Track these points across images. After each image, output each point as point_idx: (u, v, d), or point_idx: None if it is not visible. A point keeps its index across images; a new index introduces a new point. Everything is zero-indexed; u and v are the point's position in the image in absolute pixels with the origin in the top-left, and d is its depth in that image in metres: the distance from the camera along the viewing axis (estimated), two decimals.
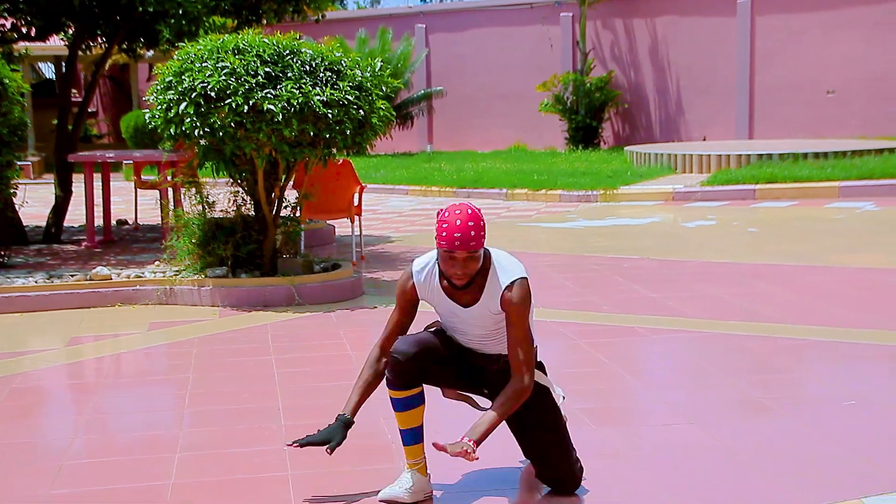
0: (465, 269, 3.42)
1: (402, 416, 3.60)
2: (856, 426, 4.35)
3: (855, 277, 7.71)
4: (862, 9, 19.39)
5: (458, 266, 3.41)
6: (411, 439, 3.62)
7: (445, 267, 3.44)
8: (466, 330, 3.59)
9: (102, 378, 5.72)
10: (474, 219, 3.37)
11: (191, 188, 7.81)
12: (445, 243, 3.38)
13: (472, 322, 3.55)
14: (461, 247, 3.37)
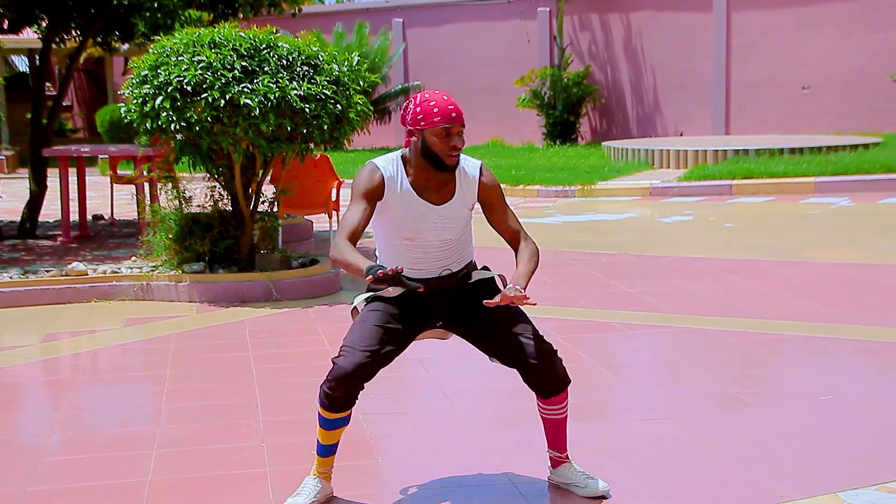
0: (461, 144, 3.36)
1: (326, 434, 3.51)
2: (831, 421, 4.38)
3: (830, 272, 7.77)
4: (837, 5, 19.53)
5: (455, 140, 3.33)
6: (328, 452, 3.57)
7: (439, 146, 3.32)
8: (434, 236, 3.43)
9: (79, 374, 5.69)
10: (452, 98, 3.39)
11: (167, 183, 7.76)
12: (441, 118, 3.30)
13: (443, 223, 3.44)
14: (458, 118, 3.31)
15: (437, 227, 3.43)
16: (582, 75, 21.24)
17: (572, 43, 22.16)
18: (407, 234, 3.44)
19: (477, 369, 5.38)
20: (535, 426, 3.77)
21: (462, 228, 3.48)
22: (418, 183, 3.42)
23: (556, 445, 3.67)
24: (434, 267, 3.51)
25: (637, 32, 21.63)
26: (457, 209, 3.45)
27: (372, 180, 3.40)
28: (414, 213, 3.42)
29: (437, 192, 3.43)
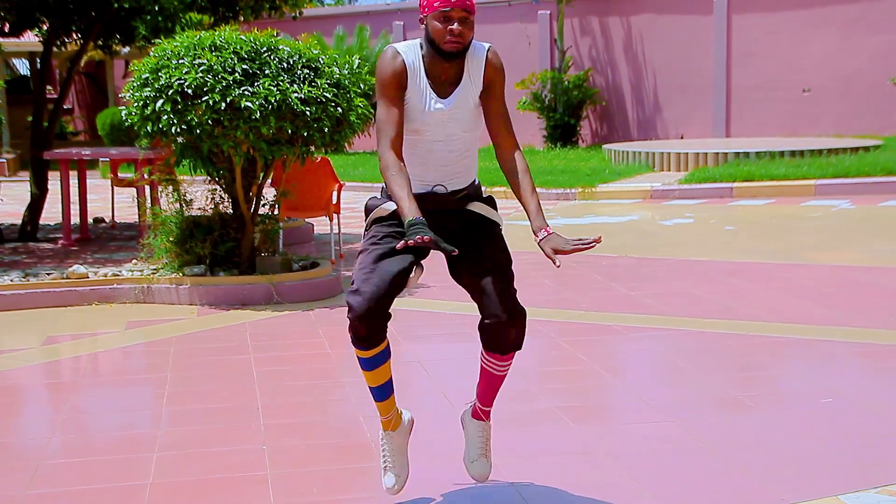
0: (461, 30, 3.19)
1: (371, 375, 3.40)
2: (832, 423, 4.38)
3: (831, 275, 7.76)
4: (837, 7, 19.53)
5: (453, 24, 3.18)
6: (383, 394, 3.45)
7: (438, 32, 3.19)
8: (437, 133, 3.31)
9: (79, 377, 5.69)
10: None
11: (168, 186, 7.76)
12: (440, 2, 3.17)
13: (452, 119, 3.31)
14: (459, 2, 3.18)
15: (444, 122, 3.31)
16: (582, 78, 21.25)
17: (573, 46, 22.18)
18: (414, 126, 3.31)
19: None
20: (536, 428, 3.77)
21: (467, 123, 3.33)
22: (431, 75, 3.31)
23: (484, 398, 3.59)
24: (439, 172, 3.37)
25: (637, 35, 21.64)
26: (462, 98, 3.31)
27: (395, 67, 3.27)
28: (426, 105, 3.29)
29: (448, 83, 3.31)
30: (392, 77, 3.27)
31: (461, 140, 3.36)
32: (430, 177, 3.39)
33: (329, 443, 4.29)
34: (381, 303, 3.23)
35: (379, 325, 3.27)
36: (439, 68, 3.30)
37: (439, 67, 3.30)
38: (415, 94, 3.30)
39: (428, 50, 3.29)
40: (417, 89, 3.30)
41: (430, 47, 3.25)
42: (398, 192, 3.17)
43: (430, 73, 3.30)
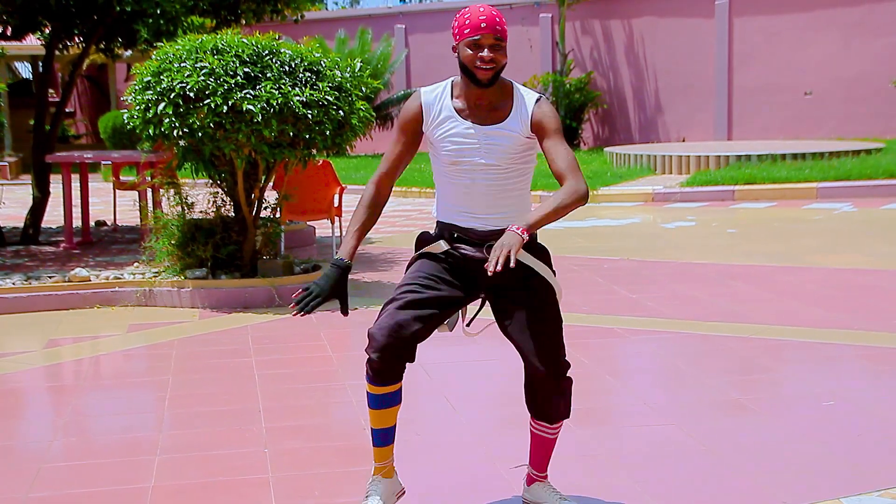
0: (491, 56, 3.17)
1: (377, 415, 3.34)
2: (834, 426, 4.38)
3: (833, 278, 7.76)
4: (838, 10, 19.54)
5: (484, 51, 3.17)
6: (383, 440, 3.39)
7: (469, 58, 3.18)
8: (478, 158, 3.25)
9: (81, 380, 5.69)
10: (496, 10, 3.25)
11: (170, 189, 7.77)
12: (470, 29, 3.18)
13: (487, 146, 3.25)
14: (487, 28, 3.16)
15: (480, 149, 3.25)
16: (584, 81, 21.27)
17: (574, 49, 22.19)
18: (450, 159, 3.29)
19: (479, 375, 5.39)
20: None
21: (506, 157, 3.25)
22: (465, 103, 3.29)
23: (538, 464, 3.52)
24: (483, 204, 3.28)
25: (639, 38, 21.65)
26: (504, 133, 3.25)
27: (408, 110, 3.36)
28: (454, 135, 3.27)
29: (487, 113, 3.28)
30: (403, 119, 3.37)
31: (504, 173, 3.28)
32: (479, 210, 3.30)
33: (331, 446, 4.29)
34: (399, 350, 3.20)
35: (396, 362, 3.23)
36: (473, 97, 3.29)
37: (473, 95, 3.29)
38: (441, 127, 3.30)
39: (462, 77, 3.29)
40: (442, 123, 3.29)
41: (464, 74, 3.26)
42: (351, 227, 3.33)
43: (461, 104, 3.30)
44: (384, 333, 3.18)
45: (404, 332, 3.18)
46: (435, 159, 3.39)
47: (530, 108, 3.28)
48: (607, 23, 21.97)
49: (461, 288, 3.33)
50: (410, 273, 3.36)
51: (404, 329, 3.18)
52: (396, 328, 3.18)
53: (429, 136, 3.36)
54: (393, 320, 3.20)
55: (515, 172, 3.31)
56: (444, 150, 3.30)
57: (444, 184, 3.37)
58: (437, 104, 3.31)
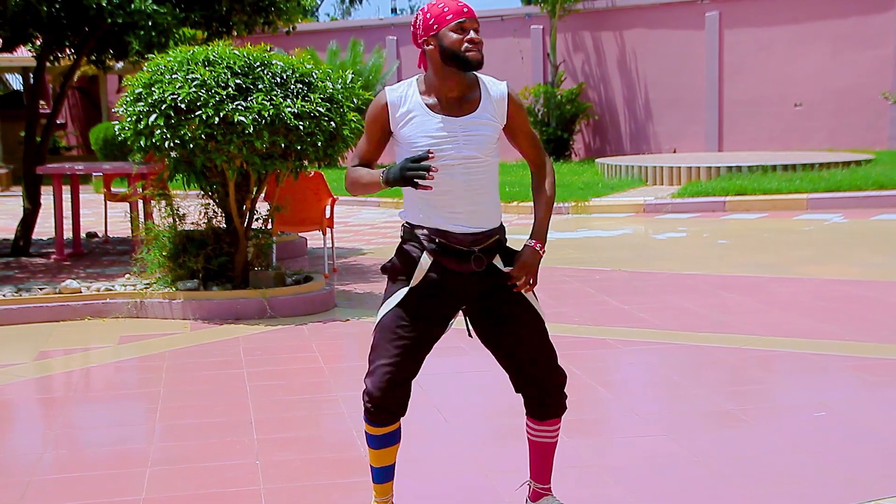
0: (479, 38, 3.18)
1: (376, 454, 3.35)
2: (825, 437, 4.38)
3: (823, 288, 7.78)
4: (828, 23, 19.64)
5: (471, 34, 3.16)
6: (384, 477, 3.39)
7: (458, 43, 3.15)
8: (455, 151, 3.19)
9: (72, 392, 5.67)
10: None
11: (161, 200, 7.76)
12: (454, 14, 3.16)
13: (465, 137, 3.20)
14: (470, 13, 3.18)
15: (457, 141, 3.20)
16: (575, 92, 21.32)
17: (566, 60, 22.25)
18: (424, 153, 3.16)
19: (472, 386, 5.38)
20: None
21: (485, 147, 3.23)
22: (435, 98, 3.24)
23: (540, 475, 3.48)
24: (464, 203, 3.22)
25: (630, 50, 21.73)
26: (480, 122, 3.23)
27: (374, 110, 3.29)
28: (429, 129, 3.21)
29: (459, 105, 3.24)
30: (371, 119, 3.30)
31: (482, 165, 3.24)
32: (459, 207, 3.23)
33: (322, 457, 4.29)
34: (397, 400, 3.24)
35: (396, 409, 3.26)
36: (445, 89, 3.23)
37: (445, 88, 3.23)
38: (410, 124, 3.22)
39: (436, 73, 3.22)
40: (411, 119, 3.22)
41: (450, 63, 3.19)
42: (362, 179, 3.26)
43: (431, 99, 3.24)
44: (380, 389, 3.22)
45: (399, 389, 3.24)
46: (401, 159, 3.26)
47: (503, 94, 3.30)
48: (598, 34, 22.04)
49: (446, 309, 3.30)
50: (393, 314, 3.25)
51: (399, 385, 3.23)
52: (392, 386, 3.22)
53: (397, 135, 3.26)
54: (388, 378, 3.21)
55: (491, 164, 3.29)
56: (419, 146, 3.19)
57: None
58: (404, 102, 3.24)
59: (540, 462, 3.46)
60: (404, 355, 3.22)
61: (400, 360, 3.22)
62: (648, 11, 21.39)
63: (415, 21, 3.26)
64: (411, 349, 3.23)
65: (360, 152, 3.36)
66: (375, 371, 3.23)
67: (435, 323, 3.28)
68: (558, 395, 3.37)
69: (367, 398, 3.24)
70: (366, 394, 3.25)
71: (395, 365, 3.21)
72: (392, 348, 3.22)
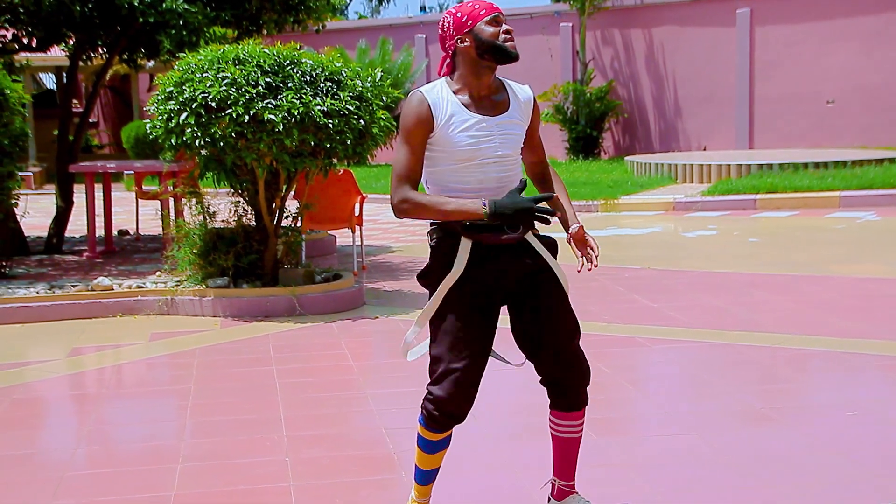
0: (513, 30, 3.24)
1: (429, 458, 3.35)
2: (857, 437, 4.35)
3: (855, 287, 7.71)
4: (859, 19, 19.45)
5: (504, 26, 3.21)
6: (427, 479, 3.41)
7: (493, 35, 3.18)
8: (492, 150, 3.22)
9: (104, 389, 5.72)
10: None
11: (192, 198, 7.81)
12: (485, 10, 3.21)
13: (501, 136, 3.23)
14: (499, 9, 3.23)
15: (494, 140, 3.22)
16: (604, 90, 21.25)
17: (595, 58, 22.18)
18: (465, 154, 3.20)
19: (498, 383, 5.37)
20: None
21: (517, 146, 3.30)
22: (469, 98, 3.26)
23: (564, 472, 3.44)
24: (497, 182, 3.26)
25: (660, 47, 21.61)
26: (512, 122, 3.29)
27: (417, 113, 3.20)
28: (470, 128, 3.21)
29: (492, 105, 3.27)
30: (414, 125, 3.20)
31: (513, 163, 3.30)
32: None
33: (351, 455, 4.30)
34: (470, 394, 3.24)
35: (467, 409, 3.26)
36: (477, 89, 3.25)
37: (477, 87, 3.25)
38: (451, 126, 3.21)
39: (469, 71, 3.24)
40: (452, 121, 3.21)
41: (488, 57, 3.21)
42: (448, 206, 3.16)
43: (466, 99, 3.25)
44: (450, 395, 3.20)
45: (469, 394, 3.23)
46: (436, 161, 3.25)
47: (529, 97, 3.38)
48: (628, 32, 21.95)
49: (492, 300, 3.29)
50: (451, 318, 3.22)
51: (469, 390, 3.22)
52: (463, 391, 3.21)
53: (437, 135, 3.22)
54: (457, 384, 3.20)
55: (518, 162, 3.36)
56: (460, 146, 3.20)
57: (447, 184, 3.25)
58: (443, 102, 3.23)
59: (564, 458, 3.44)
60: (471, 359, 3.21)
61: (468, 364, 3.21)
62: (679, 8, 21.27)
63: (442, 24, 3.27)
64: (477, 351, 3.23)
65: (406, 170, 3.21)
66: (443, 378, 3.20)
67: (488, 318, 3.28)
68: (582, 384, 3.35)
69: (435, 405, 3.22)
70: (433, 401, 3.22)
71: (465, 372, 3.20)
72: (461, 355, 3.20)
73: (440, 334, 3.23)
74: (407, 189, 3.21)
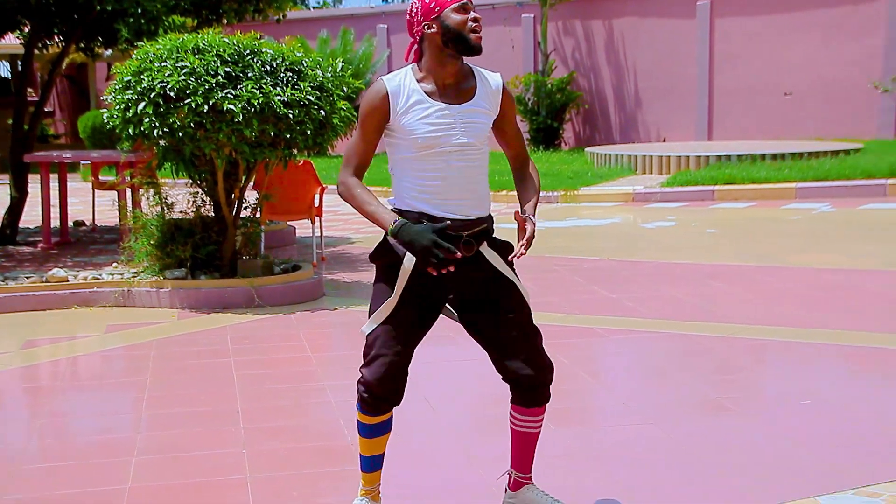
0: (480, 19, 3.18)
1: (368, 443, 3.34)
2: (811, 425, 4.40)
3: (811, 277, 7.80)
4: (818, 12, 19.65)
5: (472, 14, 3.16)
6: (371, 466, 3.39)
7: (461, 24, 3.14)
8: (453, 139, 3.19)
9: (58, 381, 5.66)
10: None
11: (149, 189, 7.74)
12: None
13: (462, 125, 3.20)
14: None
15: (456, 128, 3.20)
16: (566, 81, 21.31)
17: (556, 49, 22.23)
18: (425, 142, 3.18)
19: (459, 376, 5.39)
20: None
21: (481, 135, 3.25)
22: (433, 86, 3.22)
23: (521, 464, 3.45)
24: (459, 191, 3.22)
25: (620, 38, 21.71)
26: (477, 110, 3.24)
27: (373, 100, 3.20)
28: (430, 116, 3.18)
29: (456, 93, 3.23)
30: (368, 110, 3.22)
31: (477, 154, 3.25)
32: (452, 195, 3.21)
33: (309, 446, 4.29)
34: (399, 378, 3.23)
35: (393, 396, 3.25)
36: (442, 77, 3.22)
37: (442, 75, 3.22)
38: (411, 113, 3.19)
39: (434, 58, 3.20)
40: (412, 108, 3.19)
41: (452, 46, 3.17)
42: (369, 207, 3.18)
43: (430, 86, 3.22)
44: (378, 379, 3.21)
45: (397, 378, 3.23)
46: (398, 148, 3.24)
47: (498, 86, 3.32)
48: (589, 23, 22.02)
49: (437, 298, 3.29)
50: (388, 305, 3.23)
51: (397, 374, 3.22)
52: (390, 375, 3.21)
53: (395, 125, 3.21)
54: (386, 368, 3.20)
55: (484, 153, 3.30)
56: (418, 134, 3.17)
57: (410, 172, 3.23)
58: (404, 90, 3.21)
59: (522, 451, 3.45)
60: (401, 345, 3.22)
61: (399, 350, 3.22)
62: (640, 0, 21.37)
63: (411, 9, 3.24)
64: (406, 338, 3.23)
65: (355, 154, 3.26)
66: (373, 361, 3.22)
67: (427, 312, 3.28)
68: (546, 382, 3.36)
69: (364, 388, 3.24)
70: (362, 384, 3.24)
71: (393, 354, 3.21)
72: (390, 339, 3.22)
73: (376, 319, 3.25)
74: (349, 173, 3.27)
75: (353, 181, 3.25)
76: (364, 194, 3.21)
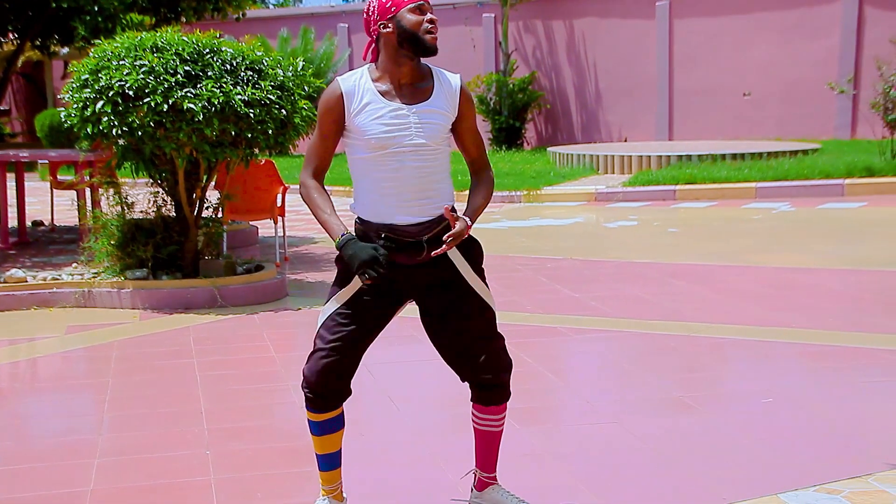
0: (436, 20, 3.16)
1: (320, 441, 3.33)
2: (772, 423, 4.44)
3: (771, 276, 7.88)
4: (777, 14, 19.87)
5: (428, 15, 3.14)
6: (329, 465, 3.37)
7: (416, 25, 3.12)
8: (408, 140, 3.16)
9: (18, 383, 5.58)
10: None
11: (109, 189, 7.66)
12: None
13: (417, 126, 3.17)
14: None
15: (410, 129, 3.16)
16: (527, 81, 21.38)
17: (518, 49, 22.29)
18: (379, 142, 3.15)
19: (422, 375, 5.38)
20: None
21: (437, 136, 3.21)
22: (389, 86, 3.19)
23: (486, 464, 3.45)
24: (413, 191, 3.19)
25: (581, 38, 21.82)
26: (433, 111, 3.21)
27: (328, 103, 3.20)
28: (383, 116, 3.16)
29: (412, 93, 3.20)
30: (324, 111, 3.22)
31: (433, 154, 3.22)
32: (409, 196, 3.19)
33: (273, 447, 4.26)
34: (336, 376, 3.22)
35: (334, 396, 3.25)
36: (398, 76, 3.20)
37: (398, 75, 3.20)
38: (365, 112, 3.17)
39: (390, 58, 3.18)
40: (367, 108, 3.17)
41: (407, 47, 3.15)
42: (322, 215, 3.20)
43: (385, 86, 3.20)
44: (315, 375, 3.22)
45: (335, 376, 3.22)
46: (354, 149, 3.23)
47: (456, 87, 3.29)
48: (550, 23, 22.11)
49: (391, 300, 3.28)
50: (335, 303, 3.25)
51: (335, 372, 3.22)
52: (327, 373, 3.21)
53: (351, 123, 3.20)
54: (323, 365, 3.21)
55: (442, 153, 3.27)
56: (372, 134, 3.15)
57: (367, 173, 3.21)
58: (359, 90, 3.20)
59: (486, 451, 3.45)
60: (342, 343, 3.21)
61: (338, 347, 3.21)
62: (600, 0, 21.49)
63: (368, 7, 3.21)
64: (350, 338, 3.22)
65: (314, 156, 3.28)
66: (312, 358, 3.24)
67: (378, 313, 3.27)
68: (502, 383, 3.34)
69: (304, 384, 3.26)
70: (303, 379, 3.26)
71: (332, 352, 3.21)
72: (330, 336, 3.22)
73: (322, 316, 3.27)
74: (309, 174, 3.30)
75: (311, 183, 3.27)
76: (319, 200, 3.23)
